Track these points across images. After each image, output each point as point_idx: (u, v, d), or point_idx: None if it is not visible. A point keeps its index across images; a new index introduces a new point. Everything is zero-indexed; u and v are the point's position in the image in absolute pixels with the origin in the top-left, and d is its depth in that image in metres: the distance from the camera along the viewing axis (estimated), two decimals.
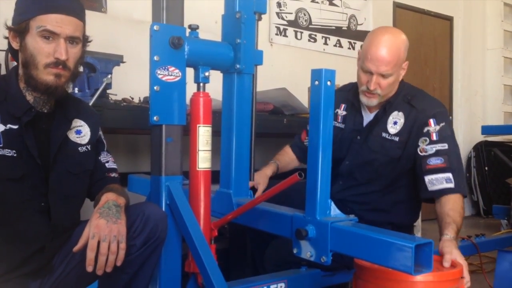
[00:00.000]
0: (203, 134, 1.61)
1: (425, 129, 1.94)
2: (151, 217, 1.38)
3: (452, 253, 1.57)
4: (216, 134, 1.69)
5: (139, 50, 2.26)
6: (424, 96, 2.06)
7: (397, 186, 2.06)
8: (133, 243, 1.35)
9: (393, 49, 1.92)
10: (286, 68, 3.72)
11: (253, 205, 1.56)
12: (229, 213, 1.63)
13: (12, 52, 1.36)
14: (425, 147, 1.92)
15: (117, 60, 2.27)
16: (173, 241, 1.56)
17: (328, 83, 1.43)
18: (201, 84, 1.64)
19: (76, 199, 1.43)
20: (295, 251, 1.48)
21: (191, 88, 1.62)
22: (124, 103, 2.44)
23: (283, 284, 1.81)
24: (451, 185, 1.83)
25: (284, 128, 2.87)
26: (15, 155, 1.29)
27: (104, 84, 2.11)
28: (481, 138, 5.02)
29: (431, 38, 5.03)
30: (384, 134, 2.02)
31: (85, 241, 1.23)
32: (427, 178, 1.87)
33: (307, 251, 1.44)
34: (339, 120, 2.14)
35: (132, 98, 2.56)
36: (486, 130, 4.04)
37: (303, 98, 3.16)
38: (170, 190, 1.55)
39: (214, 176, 1.68)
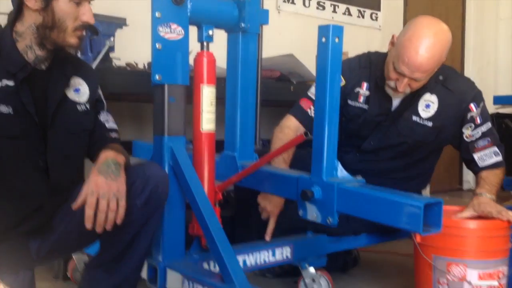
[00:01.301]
0: (207, 94, 1.57)
1: (468, 116, 1.87)
2: (152, 177, 1.34)
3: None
4: (220, 103, 1.64)
5: (143, 14, 2.20)
6: (457, 76, 1.96)
7: (420, 162, 2.02)
8: (134, 203, 1.32)
9: (435, 57, 1.73)
10: (293, 37, 3.64)
11: (258, 166, 1.52)
12: (233, 176, 1.59)
13: (18, 11, 1.30)
14: (471, 133, 1.87)
15: (120, 23, 2.22)
16: (176, 203, 1.53)
17: (336, 39, 1.37)
18: (205, 44, 1.58)
19: (75, 159, 1.40)
20: (300, 213, 1.44)
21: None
22: (128, 68, 2.39)
23: (288, 249, 1.79)
24: (500, 158, 1.85)
25: (291, 95, 2.81)
26: (11, 112, 1.26)
27: (106, 47, 2.06)
28: (492, 109, 4.92)
29: (443, 7, 4.90)
30: (415, 118, 1.90)
31: (83, 198, 1.21)
32: (477, 156, 1.86)
33: (312, 213, 1.41)
34: (361, 100, 1.96)
35: (136, 64, 2.51)
36: (498, 100, 3.95)
37: (311, 66, 3.09)
38: (173, 151, 1.51)
39: (218, 146, 1.64)
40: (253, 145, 1.75)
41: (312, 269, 1.85)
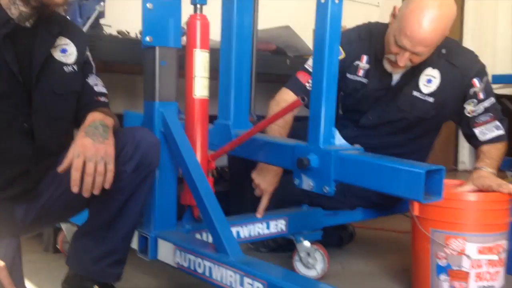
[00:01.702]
0: (201, 59, 1.50)
1: (471, 91, 1.80)
2: (142, 142, 1.29)
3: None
4: (213, 76, 1.58)
5: None
6: (461, 50, 1.89)
7: (419, 138, 1.96)
8: (124, 169, 1.26)
9: (438, 31, 1.65)
10: (290, 8, 3.55)
11: (252, 133, 1.46)
12: (227, 144, 1.53)
13: None
14: (474, 108, 1.80)
15: None
16: (167, 172, 1.48)
17: (336, 0, 1.31)
18: (198, 6, 1.51)
19: (62, 122, 1.33)
20: (296, 182, 1.39)
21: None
22: (120, 36, 2.31)
23: (283, 222, 1.74)
24: (501, 132, 1.79)
25: (287, 69, 2.74)
26: None
27: (96, 12, 1.98)
28: None
29: None
30: (415, 93, 1.84)
31: (69, 161, 1.15)
32: (477, 130, 1.80)
33: (308, 182, 1.36)
34: (360, 74, 1.89)
35: (128, 32, 2.43)
36: (497, 79, 3.91)
37: (308, 40, 3.01)
38: (164, 117, 1.45)
39: (211, 121, 1.58)
40: (247, 114, 1.69)
41: (307, 243, 1.81)
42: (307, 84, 1.86)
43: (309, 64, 1.87)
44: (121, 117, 2.01)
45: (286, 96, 1.89)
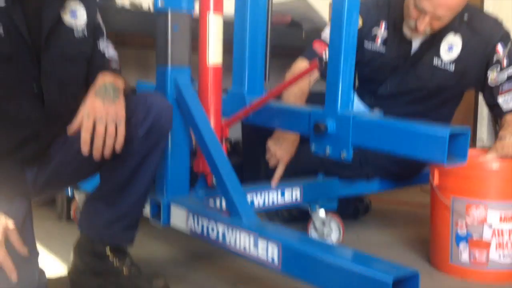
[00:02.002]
0: (214, 24, 1.46)
1: (494, 58, 1.73)
2: (154, 105, 1.26)
3: None
4: (227, 52, 1.54)
5: None
6: (484, 16, 1.81)
7: (439, 108, 1.91)
8: (135, 133, 1.24)
9: None
10: None
11: (267, 99, 1.43)
12: (241, 111, 1.50)
13: None
14: (497, 76, 1.74)
15: None
16: (180, 138, 1.45)
17: None
18: None
19: (72, 86, 1.30)
20: (312, 148, 1.36)
21: None
22: (131, 9, 2.27)
23: (298, 190, 1.72)
24: None
25: (302, 43, 2.68)
26: (2, 33, 1.17)
27: None
28: None
29: None
30: (436, 62, 1.78)
31: (79, 122, 1.13)
32: (501, 99, 1.73)
33: (325, 148, 1.32)
34: (378, 43, 1.83)
35: (141, 5, 2.39)
36: None
37: (324, 12, 2.95)
38: (177, 82, 1.42)
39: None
40: (262, 82, 1.65)
41: (322, 212, 1.78)
42: (323, 54, 1.81)
43: (326, 33, 1.82)
44: (134, 91, 1.99)
45: (302, 65, 1.85)
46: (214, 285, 1.49)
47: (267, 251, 1.12)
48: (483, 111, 3.96)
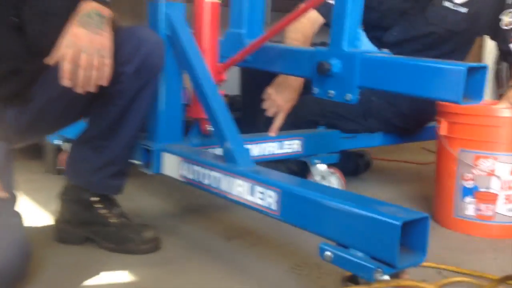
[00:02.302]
0: None
1: (509, 1, 1.63)
2: (144, 41, 1.16)
3: None
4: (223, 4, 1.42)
5: None
6: None
7: (448, 55, 1.80)
8: (123, 70, 1.14)
9: None
10: None
11: (267, 38, 1.32)
12: (239, 52, 1.40)
13: None
14: (510, 20, 1.63)
15: None
16: (173, 80, 1.35)
17: None
18: None
19: (56, 18, 1.18)
20: (315, 91, 1.26)
21: None
22: None
23: (298, 142, 1.63)
24: None
25: None
26: None
27: None
28: None
29: None
30: (447, 3, 1.68)
31: (60, 51, 1.02)
32: None
33: (329, 90, 1.22)
34: None
35: None
36: None
37: None
38: (170, 19, 1.31)
39: None
40: (262, 22, 1.54)
41: (322, 166, 1.70)
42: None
43: None
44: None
45: (309, 14, 1.73)
46: (207, 238, 1.42)
47: (265, 197, 1.03)
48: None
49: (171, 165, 1.30)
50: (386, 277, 0.85)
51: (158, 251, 1.29)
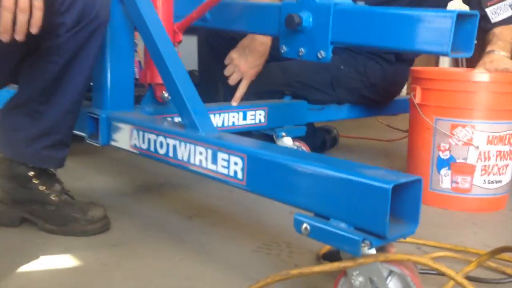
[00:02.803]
0: None
1: None
2: None
3: None
4: None
5: None
6: None
7: None
8: (61, 21, 0.98)
9: None
10: None
11: None
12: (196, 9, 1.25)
13: None
14: None
15: None
16: (123, 41, 1.19)
17: None
18: None
19: None
20: (283, 50, 1.13)
21: None
22: None
23: (262, 112, 1.50)
24: None
25: None
26: None
27: None
28: None
29: None
30: None
31: None
32: (489, 10, 1.53)
33: (299, 47, 1.09)
34: None
35: None
36: None
37: None
38: None
39: None
40: None
41: (288, 139, 1.58)
42: None
43: None
44: None
45: None
46: (164, 217, 1.27)
47: (229, 164, 0.90)
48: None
49: (122, 135, 1.14)
50: (373, 251, 0.73)
51: (107, 232, 1.14)
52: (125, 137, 1.13)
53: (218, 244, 1.11)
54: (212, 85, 1.88)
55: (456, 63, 4.89)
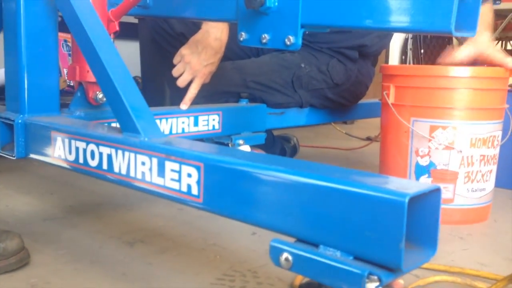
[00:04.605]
0: None
1: None
2: None
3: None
4: None
5: None
6: None
7: None
8: None
9: None
10: None
11: None
12: None
13: None
14: None
15: None
16: (45, 26, 0.96)
17: None
18: None
19: None
20: (242, 37, 0.93)
21: None
22: None
23: (216, 117, 1.29)
24: None
25: None
26: None
27: None
28: None
29: None
30: None
31: None
32: None
33: (262, 33, 0.90)
34: None
35: None
36: None
37: None
38: None
39: None
40: None
41: (246, 148, 1.38)
42: None
43: None
44: None
45: None
46: (99, 244, 1.04)
47: (180, 176, 0.69)
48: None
49: (43, 144, 0.91)
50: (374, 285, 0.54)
51: (25, 269, 0.90)
52: (48, 148, 0.90)
53: (167, 277, 0.90)
54: (158, 88, 1.67)
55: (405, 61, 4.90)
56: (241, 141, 1.36)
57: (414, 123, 1.23)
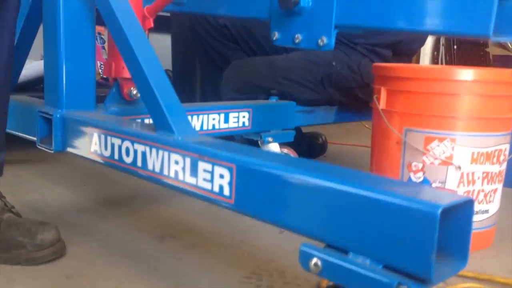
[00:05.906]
0: None
1: None
2: None
3: None
4: None
5: None
6: None
7: None
8: None
9: None
10: None
11: None
12: None
13: None
14: None
15: None
16: (82, 23, 0.99)
17: None
18: None
19: None
20: (275, 36, 0.94)
21: None
22: None
23: (246, 114, 1.30)
24: None
25: None
26: None
27: None
28: None
29: None
30: None
31: None
32: None
33: (295, 33, 0.90)
34: None
35: None
36: None
37: None
38: None
39: None
40: None
41: (275, 145, 1.39)
42: None
43: None
44: None
45: None
46: (131, 239, 1.07)
47: (213, 177, 0.70)
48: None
49: (80, 140, 0.93)
50: None
51: (61, 260, 0.93)
52: (84, 142, 0.92)
53: (196, 273, 0.92)
54: (189, 83, 1.69)
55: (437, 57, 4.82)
56: (270, 139, 1.37)
57: (406, 133, 1.07)
